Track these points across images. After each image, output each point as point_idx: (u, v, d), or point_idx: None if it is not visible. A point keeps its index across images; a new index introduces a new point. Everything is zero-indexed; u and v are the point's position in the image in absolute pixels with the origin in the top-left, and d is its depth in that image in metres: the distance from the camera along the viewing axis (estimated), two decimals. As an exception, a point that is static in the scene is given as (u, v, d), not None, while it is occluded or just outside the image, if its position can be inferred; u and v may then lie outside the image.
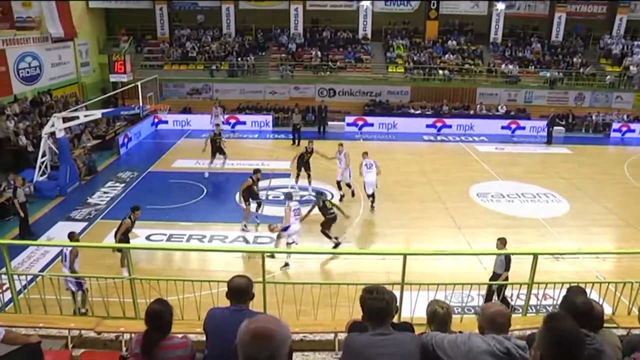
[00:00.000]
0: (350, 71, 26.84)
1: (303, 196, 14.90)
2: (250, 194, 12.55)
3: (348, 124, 24.28)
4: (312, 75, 26.67)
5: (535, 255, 5.96)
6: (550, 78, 26.39)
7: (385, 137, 23.11)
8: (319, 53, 27.12)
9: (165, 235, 12.19)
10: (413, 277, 5.94)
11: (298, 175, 15.16)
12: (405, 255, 5.88)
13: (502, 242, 8.55)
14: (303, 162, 14.98)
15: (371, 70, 27.01)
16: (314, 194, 14.41)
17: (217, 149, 16.49)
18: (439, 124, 24.23)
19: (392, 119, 24.32)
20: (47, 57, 22.21)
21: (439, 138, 23.25)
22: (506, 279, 8.16)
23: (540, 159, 20.22)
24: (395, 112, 25.16)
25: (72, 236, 8.83)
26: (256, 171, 12.75)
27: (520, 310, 6.48)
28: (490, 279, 8.37)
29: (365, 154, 14.10)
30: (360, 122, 24.34)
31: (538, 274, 5.98)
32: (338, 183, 14.69)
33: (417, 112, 25.25)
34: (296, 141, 21.03)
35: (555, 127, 22.93)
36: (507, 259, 8.26)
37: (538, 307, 8.03)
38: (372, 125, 24.22)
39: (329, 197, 13.01)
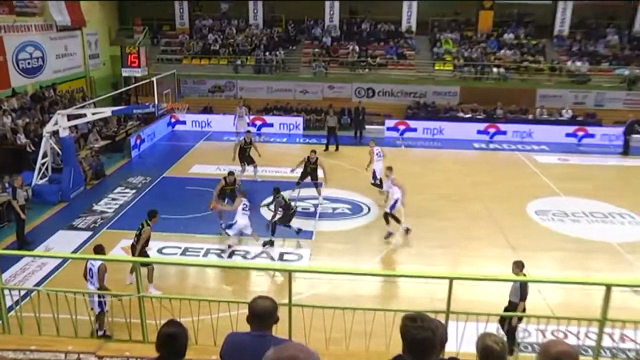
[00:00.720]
0: (391, 68, 26.82)
1: (336, 209, 14.90)
2: (223, 196, 13.53)
3: (388, 129, 24.20)
4: (349, 73, 26.73)
5: (609, 287, 5.73)
6: (629, 77, 25.50)
7: (430, 144, 22.93)
8: (357, 48, 27.19)
9: (180, 248, 12.33)
10: (460, 305, 5.82)
11: (298, 183, 15.47)
12: (451, 279, 5.77)
13: (517, 266, 8.39)
14: (307, 173, 15.32)
15: (415, 67, 26.90)
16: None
17: (245, 158, 16.71)
18: (492, 130, 23.89)
19: (438, 124, 24.13)
20: (52, 48, 22.77)
21: (491, 146, 22.92)
22: (524, 309, 8.01)
23: (614, 172, 19.64)
24: (442, 116, 24.94)
25: (99, 250, 8.90)
26: (230, 173, 13.79)
27: (591, 352, 6.24)
28: (505, 309, 8.19)
29: (372, 141, 16.69)
30: (402, 127, 24.23)
31: (612, 309, 5.75)
32: (386, 216, 13.30)
33: (467, 115, 24.97)
34: (330, 146, 21.04)
35: (633, 135, 22.27)
36: (523, 286, 8.08)
37: (614, 351, 7.75)
38: (415, 130, 24.09)
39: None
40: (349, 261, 11.98)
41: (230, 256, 12.04)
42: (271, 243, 12.60)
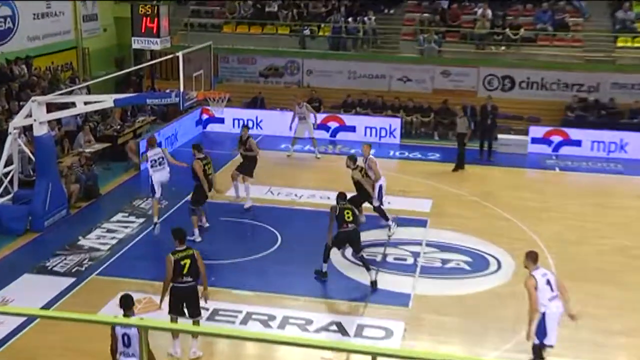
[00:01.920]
0: (543, 46, 26.66)
1: (447, 262, 14.74)
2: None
3: (533, 140, 23.81)
4: (474, 52, 26.77)
5: None
6: None
7: (604, 168, 22.42)
8: (489, 12, 27.10)
9: (208, 309, 12.40)
10: None
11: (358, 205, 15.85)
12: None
13: None
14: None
15: (583, 44, 26.56)
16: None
17: (243, 167, 17.45)
18: None
19: (618, 135, 23.60)
20: (26, 4, 23.63)
21: None
22: None
23: None
24: (626, 123, 24.49)
25: (128, 305, 9.30)
26: (194, 147, 16.04)
27: None
28: None
29: (368, 146, 17.23)
30: (556, 138, 23.82)
31: None
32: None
33: (669, 123, 24.32)
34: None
35: None
36: None
37: None
38: (578, 143, 23.63)
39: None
40: (465, 344, 11.88)
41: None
42: (322, 274, 13.69)
